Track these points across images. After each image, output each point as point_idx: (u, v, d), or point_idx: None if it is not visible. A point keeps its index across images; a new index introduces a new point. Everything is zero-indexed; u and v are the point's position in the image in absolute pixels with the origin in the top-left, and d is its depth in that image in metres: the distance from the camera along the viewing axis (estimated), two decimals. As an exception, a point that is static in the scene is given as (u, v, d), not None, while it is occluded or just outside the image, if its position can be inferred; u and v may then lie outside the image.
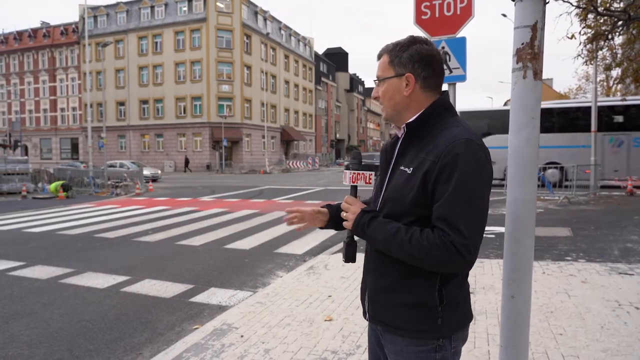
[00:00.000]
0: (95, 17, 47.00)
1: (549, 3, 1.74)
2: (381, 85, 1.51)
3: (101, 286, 5.60)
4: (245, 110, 44.23)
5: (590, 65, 15.34)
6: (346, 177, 1.59)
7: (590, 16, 10.76)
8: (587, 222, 9.11)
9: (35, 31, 50.79)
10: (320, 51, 69.86)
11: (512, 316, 1.82)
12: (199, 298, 5.10)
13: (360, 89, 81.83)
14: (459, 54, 4.46)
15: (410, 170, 1.39)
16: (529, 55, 1.72)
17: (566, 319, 3.94)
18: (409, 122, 1.47)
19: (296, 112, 55.86)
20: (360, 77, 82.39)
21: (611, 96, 31.22)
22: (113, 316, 4.55)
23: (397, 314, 1.45)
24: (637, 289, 4.70)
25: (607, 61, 14.30)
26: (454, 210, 1.30)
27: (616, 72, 15.86)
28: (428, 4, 4.44)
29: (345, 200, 1.56)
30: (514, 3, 1.76)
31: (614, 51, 13.03)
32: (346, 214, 1.53)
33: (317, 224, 1.71)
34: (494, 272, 5.41)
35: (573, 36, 10.66)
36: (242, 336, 3.78)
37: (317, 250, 7.41)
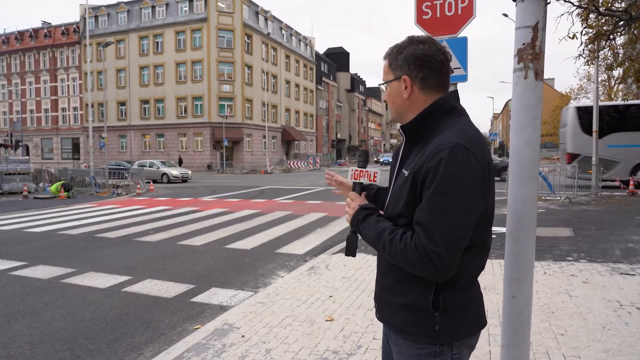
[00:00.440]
0: (96, 17, 47.04)
1: (550, 3, 1.74)
2: (386, 88, 1.54)
3: (102, 286, 5.61)
4: (246, 110, 44.24)
5: (592, 66, 15.31)
6: (349, 174, 1.65)
7: (592, 16, 10.74)
8: (589, 222, 9.10)
9: (36, 31, 50.86)
10: (321, 51, 69.90)
11: (513, 316, 1.82)
12: (200, 298, 5.11)
13: (361, 88, 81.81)
14: (460, 54, 4.47)
15: (407, 173, 1.40)
16: (530, 55, 1.71)
17: (567, 319, 3.94)
18: (403, 125, 1.49)
19: (297, 112, 55.86)
20: (361, 77, 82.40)
21: (613, 96, 31.14)
22: (114, 316, 4.56)
23: (397, 315, 1.45)
24: (638, 289, 4.69)
25: (609, 61, 14.26)
26: (429, 216, 1.28)
27: (618, 72, 15.82)
28: (429, 3, 4.44)
29: (348, 195, 1.60)
30: (515, 3, 1.76)
31: (616, 51, 12.99)
32: (348, 209, 1.57)
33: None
34: (495, 272, 5.41)
35: (574, 36, 10.64)
36: (243, 336, 3.79)
37: (318, 250, 7.41)
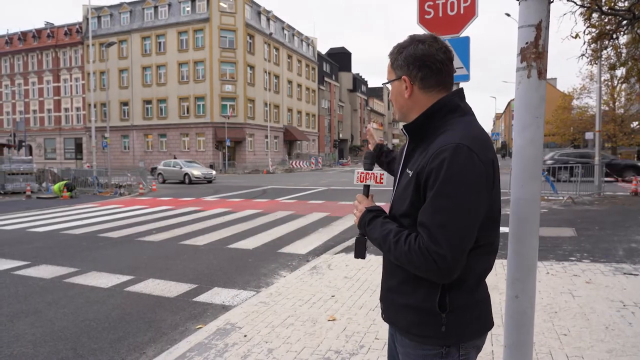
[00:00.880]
0: (99, 17, 47.15)
1: (553, 2, 1.74)
2: (390, 88, 1.55)
3: (105, 286, 5.62)
4: (249, 110, 44.26)
5: (595, 65, 15.27)
6: (355, 177, 1.66)
7: (595, 15, 10.71)
8: (592, 222, 9.07)
9: (39, 32, 50.99)
10: (324, 51, 69.89)
11: (516, 316, 1.82)
12: (203, 298, 5.11)
13: (364, 88, 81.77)
14: (463, 54, 4.46)
15: (411, 174, 1.39)
16: (533, 54, 1.71)
17: (570, 319, 3.93)
18: (405, 125, 1.48)
19: (299, 112, 55.86)
20: (363, 77, 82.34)
21: (615, 96, 31.02)
22: (117, 315, 4.57)
23: (402, 316, 1.45)
24: (641, 290, 4.67)
25: (612, 61, 14.22)
26: (432, 217, 1.27)
27: (621, 71, 15.78)
28: (432, 3, 4.43)
29: (356, 198, 1.60)
30: (518, 2, 1.75)
31: (619, 50, 12.94)
32: (355, 211, 1.57)
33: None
34: (497, 272, 5.39)
35: (577, 35, 10.61)
36: (245, 336, 3.79)
37: (321, 250, 7.41)
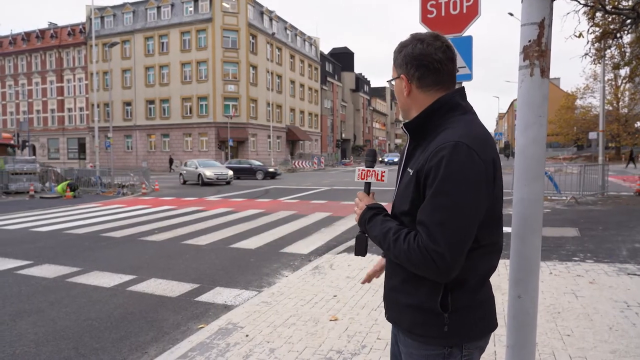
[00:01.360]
0: (102, 17, 47.28)
1: (556, 0, 1.72)
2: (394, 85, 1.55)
3: (107, 285, 5.63)
4: (251, 110, 44.29)
5: (599, 64, 15.21)
6: (356, 174, 1.65)
7: (599, 14, 10.67)
8: (595, 222, 9.03)
9: (42, 32, 51.17)
10: (326, 51, 69.88)
11: (518, 316, 1.81)
12: (205, 297, 5.11)
13: (366, 88, 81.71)
14: (465, 53, 4.45)
15: (412, 172, 1.38)
16: (536, 52, 1.70)
17: (574, 319, 3.91)
18: (405, 123, 1.48)
19: (302, 112, 55.87)
20: (365, 77, 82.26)
21: (619, 96, 30.89)
22: (119, 315, 4.57)
23: (404, 316, 1.44)
24: (645, 290, 4.65)
25: (616, 60, 14.17)
26: (431, 216, 1.27)
27: (625, 71, 15.73)
28: (434, 2, 4.43)
29: (357, 195, 1.60)
30: (521, 0, 1.74)
31: (623, 50, 12.89)
32: (356, 208, 1.56)
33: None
34: (500, 272, 5.37)
35: (581, 35, 10.57)
36: (247, 335, 3.78)
37: (323, 250, 7.40)
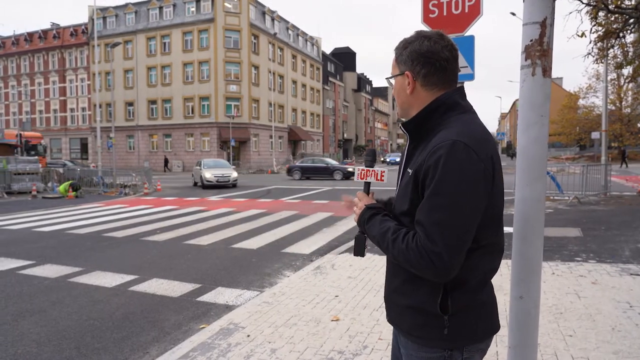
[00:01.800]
0: (104, 18, 47.38)
1: (558, -1, 1.72)
2: (393, 82, 1.52)
3: (109, 285, 5.63)
4: (253, 110, 44.33)
5: (601, 64, 15.17)
6: (355, 174, 1.64)
7: (601, 14, 10.64)
8: (598, 222, 9.00)
9: (45, 32, 51.31)
10: (328, 51, 69.90)
11: (520, 317, 1.80)
12: (206, 297, 5.11)
13: (368, 88, 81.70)
14: (467, 53, 4.43)
15: (411, 172, 1.38)
16: (538, 52, 1.69)
17: (576, 320, 3.89)
18: (403, 123, 1.47)
19: (304, 112, 55.88)
20: (367, 77, 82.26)
21: (622, 95, 30.78)
22: (121, 315, 4.58)
23: (404, 317, 1.43)
24: (648, 290, 4.63)
25: (618, 59, 14.10)
26: (429, 216, 1.26)
27: (627, 70, 15.65)
28: (436, 2, 4.41)
29: (356, 195, 1.59)
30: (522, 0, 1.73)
31: (625, 49, 12.84)
32: (355, 208, 1.56)
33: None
34: (502, 272, 5.36)
35: (583, 34, 10.53)
36: (248, 336, 3.78)
37: (324, 250, 7.40)
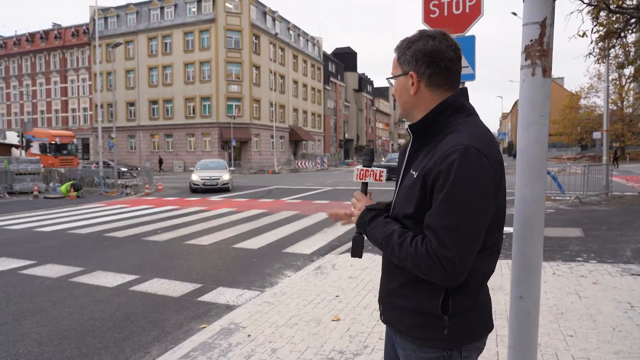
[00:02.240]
0: (106, 18, 47.46)
1: (558, -1, 1.72)
2: (394, 83, 1.50)
3: (110, 285, 5.64)
4: (254, 111, 44.35)
5: (602, 64, 15.14)
6: (354, 174, 1.62)
7: (602, 14, 10.63)
8: (599, 222, 8.99)
9: (46, 33, 51.39)
10: (329, 51, 69.87)
11: (520, 317, 1.80)
12: (207, 297, 5.12)
13: (369, 88, 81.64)
14: (468, 53, 4.43)
15: (416, 175, 1.35)
16: (538, 52, 1.69)
17: (577, 320, 3.89)
18: (411, 125, 1.45)
19: (305, 112, 55.88)
20: (369, 77, 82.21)
21: (624, 95, 30.72)
22: (122, 315, 4.58)
23: (403, 318, 1.42)
24: (649, 291, 4.62)
25: (620, 59, 14.09)
26: (441, 221, 1.24)
27: (629, 70, 15.63)
28: (437, 2, 4.41)
29: (354, 195, 1.57)
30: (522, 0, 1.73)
31: (627, 49, 12.82)
32: (353, 209, 1.54)
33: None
34: (502, 272, 5.36)
35: (584, 34, 10.52)
36: (249, 335, 3.78)
37: (325, 250, 7.40)
